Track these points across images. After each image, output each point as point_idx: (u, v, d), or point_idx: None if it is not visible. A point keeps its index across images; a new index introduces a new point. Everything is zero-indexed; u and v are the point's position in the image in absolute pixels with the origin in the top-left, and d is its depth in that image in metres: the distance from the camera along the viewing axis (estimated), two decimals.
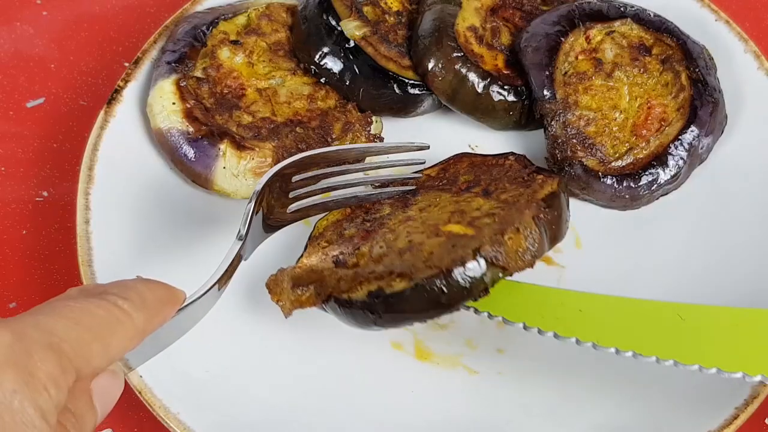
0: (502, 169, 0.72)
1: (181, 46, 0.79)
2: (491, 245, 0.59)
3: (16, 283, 0.76)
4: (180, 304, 0.50)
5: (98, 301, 0.42)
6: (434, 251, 0.60)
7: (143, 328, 0.44)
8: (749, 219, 0.76)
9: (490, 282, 0.59)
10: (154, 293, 0.46)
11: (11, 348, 0.37)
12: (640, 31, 0.81)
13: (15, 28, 0.91)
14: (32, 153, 0.83)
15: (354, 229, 0.70)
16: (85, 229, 0.71)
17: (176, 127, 0.75)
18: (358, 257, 0.65)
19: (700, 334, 0.57)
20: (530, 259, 0.60)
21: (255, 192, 0.64)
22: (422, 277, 0.58)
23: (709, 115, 0.77)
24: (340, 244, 0.68)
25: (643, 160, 0.76)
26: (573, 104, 0.77)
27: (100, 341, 0.41)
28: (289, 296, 0.64)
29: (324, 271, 0.65)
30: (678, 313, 0.58)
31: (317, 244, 0.70)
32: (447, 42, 0.77)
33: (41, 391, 0.38)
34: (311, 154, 0.68)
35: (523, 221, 0.61)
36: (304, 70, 0.81)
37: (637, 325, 0.59)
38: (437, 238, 0.62)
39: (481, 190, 0.69)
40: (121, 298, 0.43)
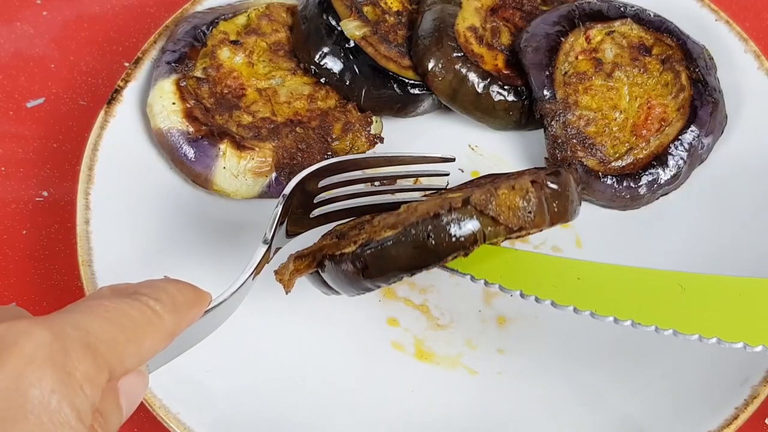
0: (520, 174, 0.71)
1: (181, 46, 0.79)
2: (482, 194, 0.57)
3: (16, 283, 0.76)
4: (206, 306, 0.50)
5: (132, 301, 0.42)
6: (428, 207, 0.58)
7: (173, 330, 0.44)
8: (749, 219, 0.76)
9: (480, 234, 0.56)
10: (184, 295, 0.46)
11: (50, 347, 0.37)
12: (640, 31, 0.81)
13: (15, 28, 0.91)
14: (32, 153, 0.83)
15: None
16: (85, 229, 0.71)
17: (176, 127, 0.75)
18: (358, 228, 0.64)
19: (700, 304, 0.56)
20: (525, 217, 0.58)
21: (283, 195, 0.63)
22: (409, 223, 0.56)
23: (709, 115, 0.77)
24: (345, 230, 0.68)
25: (643, 160, 0.76)
26: (573, 104, 0.77)
27: (133, 342, 0.41)
28: (290, 270, 0.63)
29: (324, 243, 0.64)
30: (678, 282, 0.57)
31: (327, 236, 0.69)
32: (447, 42, 0.77)
33: (78, 391, 0.38)
34: (339, 160, 0.67)
35: (519, 181, 0.59)
36: (304, 70, 0.81)
37: (636, 294, 0.57)
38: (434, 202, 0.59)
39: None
40: (153, 299, 0.43)
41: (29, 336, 0.37)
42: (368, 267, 0.58)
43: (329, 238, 0.66)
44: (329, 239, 0.66)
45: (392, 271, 0.58)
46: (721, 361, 0.68)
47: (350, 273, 0.59)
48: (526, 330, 0.71)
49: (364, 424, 0.67)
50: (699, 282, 0.58)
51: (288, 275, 0.63)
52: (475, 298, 0.73)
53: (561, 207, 0.60)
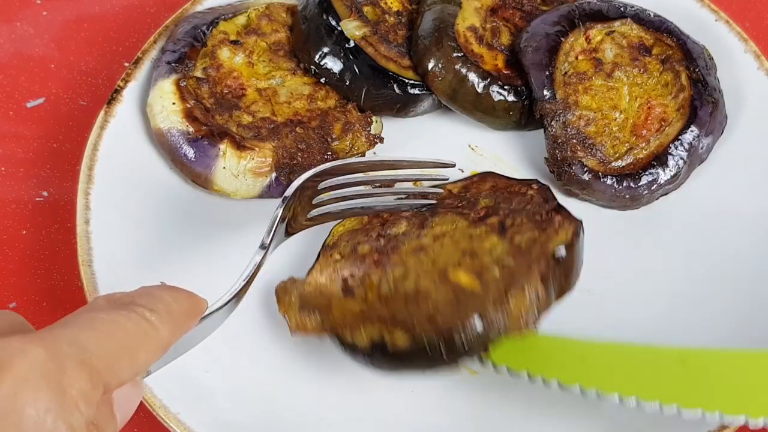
0: (523, 199, 0.71)
1: (181, 46, 0.79)
2: (494, 309, 0.59)
3: (16, 283, 0.76)
4: (202, 313, 0.50)
5: (127, 313, 0.42)
6: (439, 307, 0.61)
7: (169, 341, 0.44)
8: (750, 219, 0.76)
9: (490, 343, 0.60)
10: (180, 304, 0.46)
11: (45, 365, 0.37)
12: (640, 31, 0.81)
13: (15, 28, 0.91)
14: (32, 153, 0.83)
15: (368, 246, 0.70)
16: (85, 229, 0.71)
17: (176, 127, 0.75)
18: (366, 288, 0.66)
19: (701, 378, 0.58)
20: (531, 321, 0.61)
21: (283, 198, 0.63)
22: (424, 337, 0.59)
23: (709, 115, 0.77)
24: (351, 263, 0.69)
25: (643, 160, 0.76)
26: (573, 104, 0.77)
27: (129, 355, 0.41)
28: (296, 315, 0.65)
29: (332, 298, 0.65)
30: (680, 358, 0.59)
31: (329, 256, 0.70)
32: (447, 42, 0.77)
33: (73, 410, 0.38)
34: (339, 164, 0.68)
35: (530, 279, 0.61)
36: (304, 70, 0.81)
37: (639, 371, 0.59)
38: (444, 290, 0.62)
39: (498, 222, 0.69)
40: (149, 309, 0.43)
41: (25, 354, 0.37)
42: (381, 368, 0.62)
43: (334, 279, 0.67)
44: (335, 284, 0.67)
45: (404, 372, 0.62)
46: None
47: (360, 362, 0.62)
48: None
49: (364, 422, 0.67)
50: (699, 357, 0.59)
51: (293, 321, 0.65)
52: None
53: (566, 281, 0.63)
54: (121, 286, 0.69)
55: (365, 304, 0.64)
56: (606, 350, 0.61)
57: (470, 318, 0.59)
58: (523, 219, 0.69)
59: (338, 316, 0.64)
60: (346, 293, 0.66)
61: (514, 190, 0.73)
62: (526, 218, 0.69)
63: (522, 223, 0.68)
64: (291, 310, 0.66)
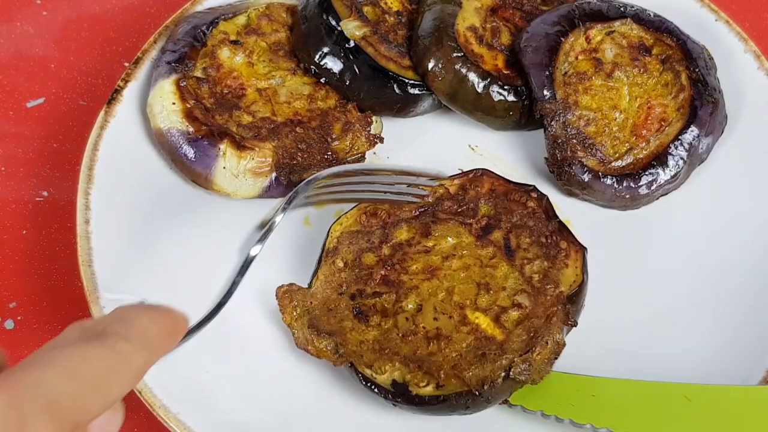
0: (524, 211, 0.72)
1: (181, 46, 0.79)
2: (522, 366, 0.63)
3: (16, 283, 0.76)
4: (183, 333, 0.47)
5: (98, 345, 0.40)
6: (463, 355, 0.64)
7: (143, 368, 0.42)
8: (749, 219, 0.76)
9: (513, 391, 0.64)
10: (157, 326, 0.44)
11: (5, 416, 0.36)
12: (640, 31, 0.81)
13: (15, 28, 0.91)
14: (32, 153, 0.83)
15: (372, 256, 0.70)
16: (85, 229, 0.71)
17: (176, 127, 0.75)
18: (380, 315, 0.67)
19: (706, 414, 0.61)
20: (551, 366, 0.64)
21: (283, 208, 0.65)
22: (451, 391, 0.62)
23: (709, 115, 0.77)
24: (357, 277, 0.69)
25: (643, 160, 0.76)
26: (573, 104, 0.77)
27: (99, 391, 0.39)
28: (305, 331, 0.65)
29: (344, 321, 0.66)
30: (684, 394, 0.63)
31: (332, 263, 0.70)
32: (447, 42, 0.77)
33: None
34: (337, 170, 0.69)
35: (552, 334, 0.65)
36: (304, 70, 0.81)
37: (647, 407, 0.63)
38: (465, 334, 0.65)
39: (503, 239, 0.70)
40: (122, 338, 0.41)
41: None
42: (402, 407, 0.64)
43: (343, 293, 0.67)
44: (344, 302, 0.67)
45: (425, 414, 0.64)
46: (721, 362, 0.68)
47: (380, 398, 0.64)
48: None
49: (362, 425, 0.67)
50: (703, 393, 0.63)
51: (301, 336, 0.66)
52: None
53: (574, 319, 0.67)
54: (121, 286, 0.69)
55: (382, 336, 0.66)
56: (615, 386, 0.65)
57: (498, 373, 0.62)
58: (527, 239, 0.70)
59: (353, 344, 0.65)
60: (359, 318, 0.67)
61: (514, 198, 0.73)
62: (530, 239, 0.70)
63: (528, 247, 0.70)
64: (297, 324, 0.66)
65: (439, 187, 0.74)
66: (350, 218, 0.72)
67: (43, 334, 0.74)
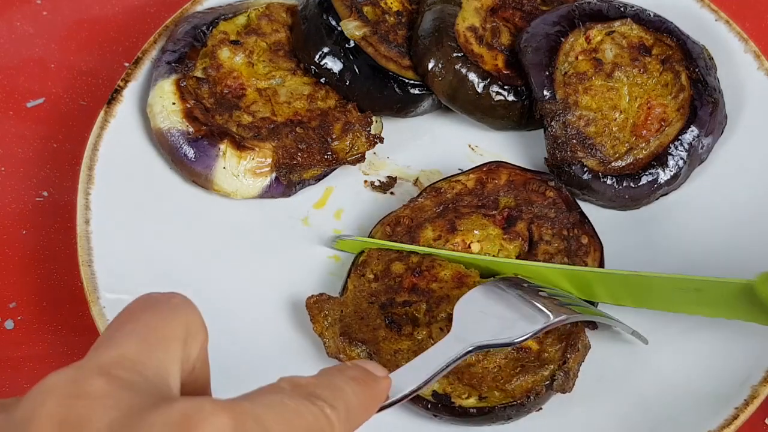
0: (543, 202, 0.72)
1: (181, 46, 0.79)
2: (562, 376, 0.64)
3: (16, 283, 0.76)
4: (381, 403, 0.48)
5: (309, 405, 0.42)
6: (501, 366, 0.64)
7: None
8: (749, 219, 0.76)
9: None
10: (359, 399, 0.45)
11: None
12: (640, 31, 0.81)
13: (15, 28, 0.91)
14: (32, 153, 0.83)
15: (401, 265, 0.70)
16: (85, 229, 0.71)
17: (176, 127, 0.75)
18: (413, 325, 0.66)
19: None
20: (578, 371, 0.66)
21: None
22: (495, 403, 0.63)
23: (709, 115, 0.77)
24: (387, 286, 0.69)
25: (643, 160, 0.76)
26: (573, 104, 0.77)
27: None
28: (336, 340, 0.65)
29: (377, 330, 0.65)
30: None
31: (362, 276, 0.70)
32: (447, 42, 0.77)
33: None
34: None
35: (580, 338, 0.66)
36: (304, 70, 0.81)
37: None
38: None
39: (526, 228, 0.71)
40: (330, 405, 0.43)
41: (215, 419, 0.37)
42: (442, 418, 0.64)
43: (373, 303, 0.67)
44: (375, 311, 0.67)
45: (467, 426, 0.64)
46: (721, 361, 0.68)
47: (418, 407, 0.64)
48: None
49: None
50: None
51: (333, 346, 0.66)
52: None
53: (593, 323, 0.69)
54: (121, 286, 0.69)
55: (417, 346, 0.65)
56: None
57: (541, 384, 0.63)
58: (549, 231, 0.70)
59: (387, 353, 0.64)
60: (392, 327, 0.66)
61: (533, 188, 0.73)
62: (551, 230, 0.70)
63: (550, 239, 0.70)
64: (328, 333, 0.66)
65: (457, 183, 0.74)
66: (376, 233, 0.73)
67: (43, 334, 0.74)
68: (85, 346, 0.73)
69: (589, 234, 0.71)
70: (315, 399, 0.42)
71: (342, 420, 0.43)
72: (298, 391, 0.43)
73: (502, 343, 0.59)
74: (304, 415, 0.41)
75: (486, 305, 0.62)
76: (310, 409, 0.42)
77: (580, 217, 0.72)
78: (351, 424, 0.44)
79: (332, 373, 0.46)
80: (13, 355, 0.72)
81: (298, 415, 0.41)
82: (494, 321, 0.61)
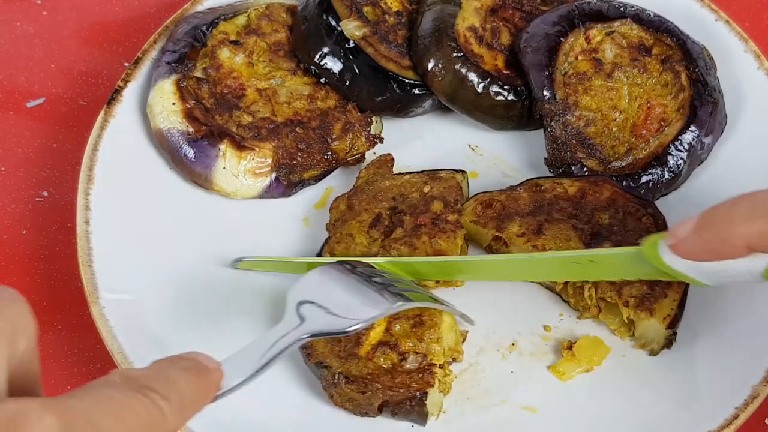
0: (637, 226, 0.70)
1: (181, 46, 0.79)
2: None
3: (16, 283, 0.76)
4: (215, 393, 0.49)
5: (141, 397, 0.42)
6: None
7: (176, 429, 0.44)
8: None
9: None
10: (193, 390, 0.46)
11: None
12: (640, 31, 0.81)
13: (15, 28, 0.91)
14: (32, 153, 0.83)
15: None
16: (85, 229, 0.71)
17: (176, 127, 0.75)
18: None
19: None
20: None
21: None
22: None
23: (708, 115, 0.77)
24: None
25: (643, 160, 0.76)
26: (573, 105, 0.77)
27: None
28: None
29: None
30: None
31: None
32: (447, 42, 0.77)
33: None
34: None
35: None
36: (304, 70, 0.81)
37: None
38: None
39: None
40: (162, 397, 0.43)
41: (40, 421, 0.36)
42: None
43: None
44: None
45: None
46: (721, 361, 0.68)
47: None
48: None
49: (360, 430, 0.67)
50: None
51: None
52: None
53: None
54: (121, 286, 0.69)
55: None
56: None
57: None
58: None
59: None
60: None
61: (630, 212, 0.71)
62: None
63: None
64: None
65: (559, 186, 0.73)
66: (467, 207, 0.73)
67: (43, 334, 0.73)
68: (85, 346, 0.73)
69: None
70: (147, 391, 0.42)
71: (175, 411, 0.43)
72: (130, 384, 0.42)
73: (335, 331, 0.59)
74: (135, 408, 0.41)
75: (322, 289, 0.62)
76: (142, 402, 0.41)
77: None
78: (184, 415, 0.45)
79: (165, 364, 0.46)
80: None
81: (129, 409, 0.41)
82: (329, 306, 0.60)
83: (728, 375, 0.67)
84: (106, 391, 0.41)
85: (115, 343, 0.66)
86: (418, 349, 0.64)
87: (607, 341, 0.70)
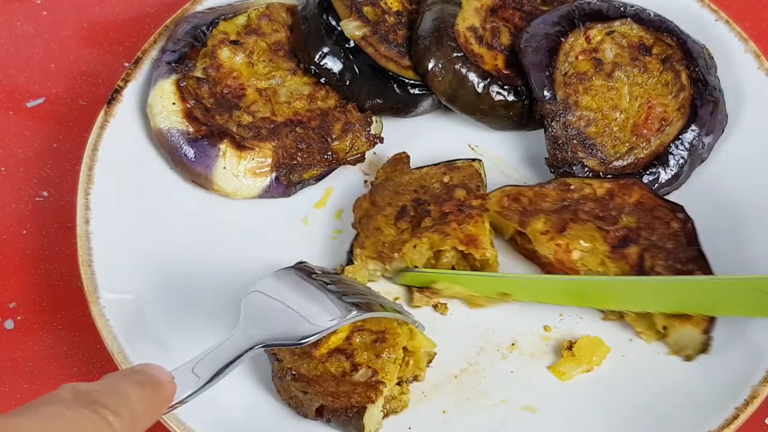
0: (666, 232, 0.70)
1: (181, 46, 0.79)
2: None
3: (16, 283, 0.76)
4: (167, 406, 0.49)
5: (90, 413, 0.41)
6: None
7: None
8: (750, 218, 0.76)
9: None
10: (145, 403, 0.45)
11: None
12: (640, 30, 0.81)
13: (15, 28, 0.91)
14: (32, 153, 0.83)
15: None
16: (85, 229, 0.71)
17: (176, 127, 0.75)
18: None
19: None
20: None
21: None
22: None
23: (709, 115, 0.77)
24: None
25: (643, 159, 0.76)
26: (573, 105, 0.77)
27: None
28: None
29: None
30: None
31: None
32: (447, 42, 0.77)
33: None
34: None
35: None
36: (304, 70, 0.81)
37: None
38: None
39: (638, 255, 0.68)
40: (113, 412, 0.42)
41: None
42: None
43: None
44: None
45: None
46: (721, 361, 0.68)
47: None
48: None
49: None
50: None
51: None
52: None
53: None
54: (121, 286, 0.69)
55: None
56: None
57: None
58: (662, 262, 0.68)
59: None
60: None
61: (659, 215, 0.71)
62: (665, 262, 0.68)
63: (662, 271, 0.68)
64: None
65: (587, 186, 0.73)
66: (494, 197, 0.73)
67: (43, 334, 0.74)
68: (85, 346, 0.73)
69: (704, 271, 0.68)
70: (97, 407, 0.42)
71: (126, 426, 0.43)
72: (80, 399, 0.42)
73: (288, 343, 0.58)
74: (84, 425, 0.40)
75: (277, 296, 0.61)
76: (91, 418, 0.41)
77: (698, 253, 0.69)
78: (135, 430, 0.44)
79: (117, 378, 0.45)
80: (13, 355, 0.72)
81: (77, 426, 0.40)
82: (284, 314, 0.59)
83: (728, 375, 0.67)
84: (53, 408, 0.40)
85: (115, 343, 0.66)
86: (372, 364, 0.63)
87: (607, 341, 0.70)
